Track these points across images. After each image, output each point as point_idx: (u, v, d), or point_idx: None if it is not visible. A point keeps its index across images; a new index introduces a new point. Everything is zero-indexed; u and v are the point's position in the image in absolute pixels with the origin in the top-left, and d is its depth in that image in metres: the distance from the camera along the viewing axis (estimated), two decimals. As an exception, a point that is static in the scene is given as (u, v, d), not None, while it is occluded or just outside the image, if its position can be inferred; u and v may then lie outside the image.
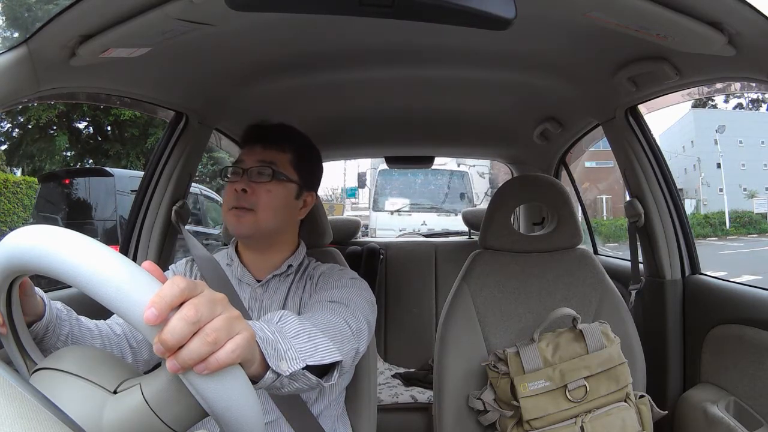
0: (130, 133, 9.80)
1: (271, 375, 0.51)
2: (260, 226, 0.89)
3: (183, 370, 0.38)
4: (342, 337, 0.70)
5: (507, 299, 1.13)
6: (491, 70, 1.20)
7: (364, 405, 1.02)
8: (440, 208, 6.49)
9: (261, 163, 0.91)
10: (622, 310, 1.11)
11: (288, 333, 0.59)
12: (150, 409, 0.42)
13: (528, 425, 0.97)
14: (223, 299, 0.42)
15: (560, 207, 1.19)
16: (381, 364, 1.98)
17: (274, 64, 1.13)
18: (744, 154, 20.45)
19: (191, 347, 0.38)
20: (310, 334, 0.62)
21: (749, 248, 12.00)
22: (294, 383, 0.57)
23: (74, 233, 0.41)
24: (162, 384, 0.43)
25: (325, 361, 0.61)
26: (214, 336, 0.39)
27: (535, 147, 1.82)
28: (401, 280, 2.14)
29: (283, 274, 0.93)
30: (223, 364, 0.39)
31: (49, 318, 0.63)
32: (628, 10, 0.71)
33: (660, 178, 1.24)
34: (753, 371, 1.01)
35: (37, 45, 0.71)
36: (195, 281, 0.41)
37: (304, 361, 0.56)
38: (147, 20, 0.70)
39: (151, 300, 0.37)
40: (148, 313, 0.37)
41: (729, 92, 1.01)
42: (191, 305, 0.39)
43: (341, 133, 1.77)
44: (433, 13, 0.63)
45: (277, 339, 0.54)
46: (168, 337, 0.37)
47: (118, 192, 5.22)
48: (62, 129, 9.36)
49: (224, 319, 0.40)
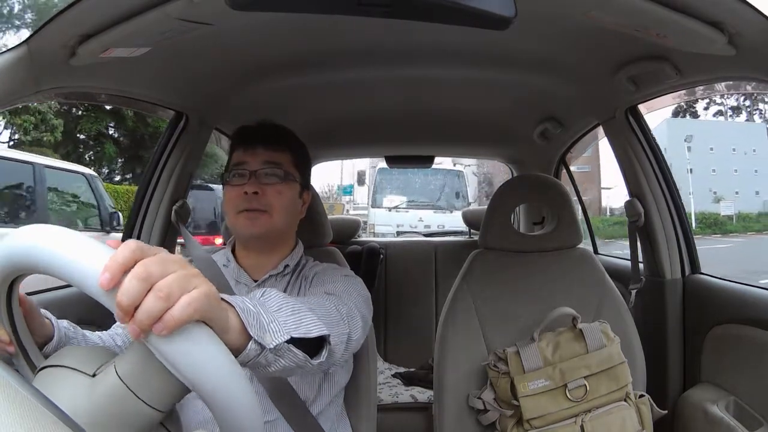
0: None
1: (254, 346, 0.50)
2: (274, 227, 0.90)
3: (143, 332, 0.38)
4: (330, 318, 0.68)
5: (507, 299, 1.13)
6: (491, 70, 1.20)
7: (363, 405, 1.02)
8: (436, 205, 6.70)
9: (268, 164, 0.90)
10: (622, 310, 1.11)
11: (271, 307, 0.57)
12: (126, 387, 0.41)
13: (528, 424, 0.97)
14: (180, 259, 0.41)
15: (560, 207, 1.18)
16: (381, 364, 1.98)
17: (274, 63, 1.13)
18: (715, 161, 22.09)
19: (145, 305, 0.37)
20: (294, 308, 0.60)
21: (707, 245, 13.03)
22: (280, 360, 0.55)
23: (74, 232, 0.41)
24: (134, 358, 0.42)
25: (311, 334, 0.59)
26: (166, 291, 0.38)
27: (535, 147, 1.82)
28: (401, 279, 2.14)
29: (280, 274, 0.93)
30: (180, 320, 0.38)
31: (58, 338, 0.64)
32: (628, 9, 0.71)
33: (660, 178, 1.24)
34: (753, 371, 1.00)
35: (37, 45, 0.71)
36: (152, 247, 0.41)
37: (288, 334, 0.55)
38: (147, 20, 0.70)
39: (105, 265, 0.37)
40: (102, 278, 0.37)
41: (729, 92, 1.01)
42: (142, 265, 0.38)
43: (341, 133, 1.77)
44: (432, 13, 0.63)
45: (259, 311, 0.53)
46: (122, 298, 0.37)
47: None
48: (109, 139, 10.82)
49: (178, 276, 0.39)
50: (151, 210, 1.27)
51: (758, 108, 19.30)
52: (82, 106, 10.39)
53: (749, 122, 21.35)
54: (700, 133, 20.46)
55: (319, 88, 1.32)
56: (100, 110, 10.86)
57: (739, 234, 18.93)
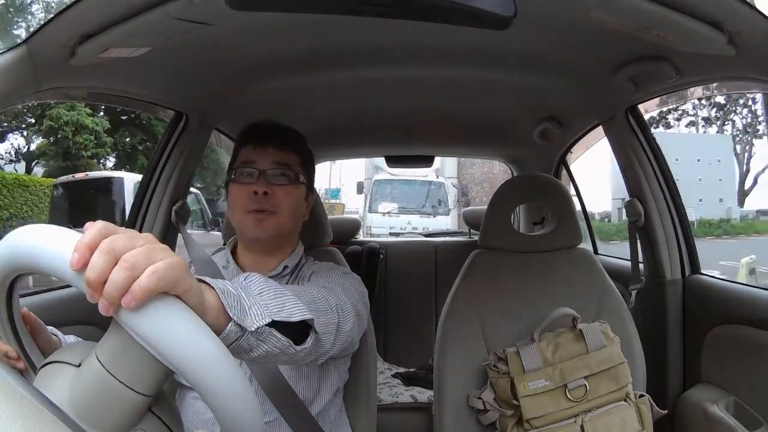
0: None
1: (234, 328, 0.50)
2: (282, 229, 0.89)
3: (112, 306, 0.38)
4: (317, 305, 0.67)
5: (507, 299, 1.13)
6: (491, 70, 1.20)
7: (363, 405, 1.02)
8: (422, 211, 8.13)
9: (278, 165, 0.90)
10: (622, 310, 1.11)
11: (253, 290, 0.57)
12: (107, 372, 0.41)
13: (528, 424, 0.97)
14: (148, 236, 0.42)
15: (560, 207, 1.18)
16: (381, 364, 1.98)
17: (274, 63, 1.12)
18: (680, 171, 22.12)
19: (111, 278, 0.37)
20: (277, 292, 0.59)
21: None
22: (262, 344, 0.55)
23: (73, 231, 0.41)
24: (112, 343, 0.42)
25: (293, 318, 0.59)
26: (131, 261, 0.38)
27: (535, 147, 1.81)
28: (401, 279, 2.14)
29: (279, 275, 0.93)
30: (146, 289, 0.38)
31: None
32: (628, 9, 0.71)
33: (660, 178, 1.24)
34: (753, 371, 1.00)
35: (37, 45, 0.71)
36: (119, 227, 0.41)
37: (269, 317, 0.54)
38: (147, 20, 0.70)
39: (74, 246, 0.38)
40: (72, 258, 0.37)
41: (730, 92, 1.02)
42: (108, 241, 0.39)
43: (341, 133, 1.77)
44: (432, 13, 0.63)
45: (240, 294, 0.52)
46: (89, 274, 0.37)
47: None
48: (141, 153, 12.47)
49: (144, 248, 0.39)
50: (151, 210, 1.27)
51: (730, 119, 19.79)
52: (115, 121, 12.03)
53: (719, 134, 21.99)
54: (666, 145, 21.11)
55: (319, 88, 1.32)
56: (134, 125, 12.30)
57: (698, 237, 19.03)
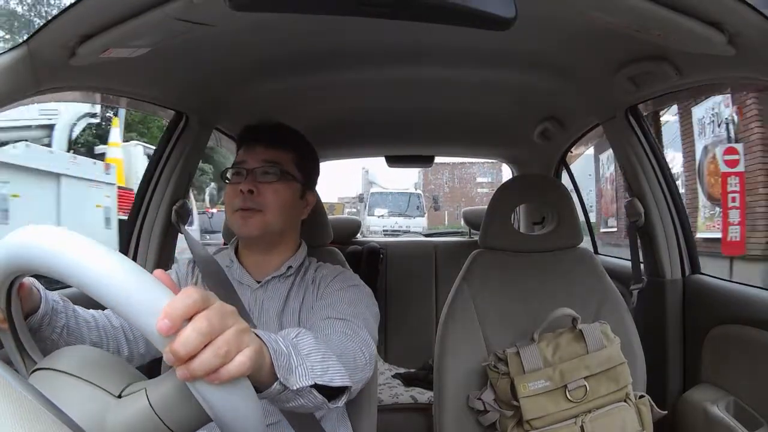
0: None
1: (278, 386, 0.52)
2: (268, 227, 0.89)
3: (193, 379, 0.39)
4: (355, 365, 0.69)
5: (507, 299, 1.13)
6: (491, 70, 1.20)
7: (364, 405, 1.02)
8: (405, 213, 11.77)
9: (266, 163, 0.90)
10: (622, 310, 1.11)
11: (302, 349, 0.58)
12: (155, 414, 0.42)
13: (528, 425, 0.97)
14: (233, 312, 0.43)
15: (560, 207, 1.18)
16: (381, 364, 1.98)
17: (274, 64, 1.12)
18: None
19: (203, 359, 0.39)
20: (324, 355, 0.61)
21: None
22: (299, 399, 0.57)
23: (79, 235, 0.41)
24: (168, 390, 0.43)
25: (334, 383, 0.61)
26: (225, 349, 0.40)
27: (535, 147, 1.81)
28: (401, 279, 2.14)
29: (283, 275, 0.93)
30: (234, 376, 0.40)
31: (44, 310, 0.63)
32: (628, 9, 0.71)
33: (660, 178, 1.24)
34: (753, 371, 1.00)
35: (37, 45, 0.71)
36: (207, 292, 0.42)
37: (313, 379, 0.56)
38: (147, 20, 0.70)
39: (164, 310, 0.38)
40: (161, 324, 0.37)
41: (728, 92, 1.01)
42: (204, 318, 0.39)
43: (341, 133, 1.77)
44: (432, 13, 0.63)
45: (290, 353, 0.54)
46: (180, 348, 0.38)
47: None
48: (207, 175, 13.80)
49: (235, 332, 0.41)
50: (151, 210, 1.27)
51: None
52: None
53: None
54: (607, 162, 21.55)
55: (319, 88, 1.32)
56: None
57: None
